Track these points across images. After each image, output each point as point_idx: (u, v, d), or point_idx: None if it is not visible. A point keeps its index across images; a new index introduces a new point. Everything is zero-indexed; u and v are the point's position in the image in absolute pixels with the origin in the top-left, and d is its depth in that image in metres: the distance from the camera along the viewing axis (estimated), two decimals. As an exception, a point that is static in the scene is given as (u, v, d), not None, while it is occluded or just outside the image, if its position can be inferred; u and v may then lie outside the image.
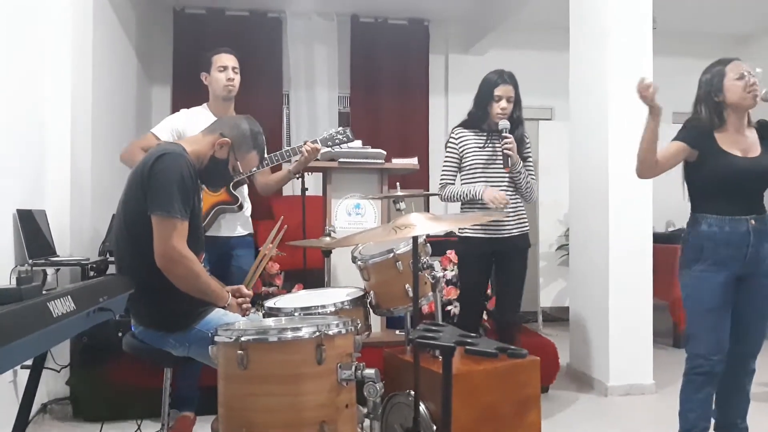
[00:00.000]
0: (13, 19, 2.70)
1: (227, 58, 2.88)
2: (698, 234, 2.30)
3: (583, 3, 3.77)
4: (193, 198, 1.99)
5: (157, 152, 1.96)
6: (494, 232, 2.86)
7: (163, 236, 1.88)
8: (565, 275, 4.90)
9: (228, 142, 2.07)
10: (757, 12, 5.49)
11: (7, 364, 1.26)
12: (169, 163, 1.91)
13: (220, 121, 2.18)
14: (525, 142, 2.93)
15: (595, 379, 3.58)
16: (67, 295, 1.46)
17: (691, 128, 2.32)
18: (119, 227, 2.03)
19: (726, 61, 2.32)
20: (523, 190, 2.90)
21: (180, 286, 1.93)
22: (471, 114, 2.94)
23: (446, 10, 5.56)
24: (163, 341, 2.00)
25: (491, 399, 2.24)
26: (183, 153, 1.98)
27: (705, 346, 2.27)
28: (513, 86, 2.83)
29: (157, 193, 1.89)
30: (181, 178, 1.90)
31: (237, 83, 2.90)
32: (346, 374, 1.65)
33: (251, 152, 2.11)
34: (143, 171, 1.93)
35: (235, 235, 2.89)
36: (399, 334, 3.12)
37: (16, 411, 1.76)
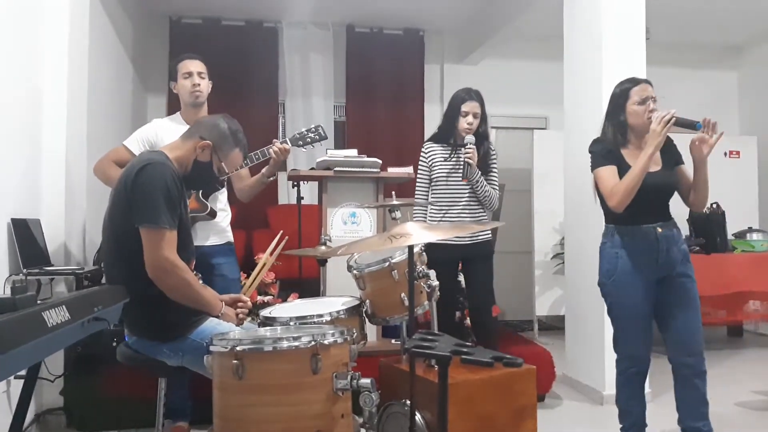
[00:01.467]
0: (10, 29, 2.71)
1: (191, 63, 2.84)
2: (613, 244, 2.45)
3: (577, 13, 3.80)
4: (180, 206, 1.98)
5: (139, 163, 1.94)
6: (459, 239, 3.04)
7: (153, 247, 1.87)
8: (560, 284, 4.91)
9: (209, 144, 2.05)
10: (748, 23, 5.55)
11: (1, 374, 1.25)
12: (153, 173, 1.90)
13: (198, 124, 2.15)
14: (490, 154, 3.13)
15: (591, 387, 3.57)
16: (62, 305, 1.45)
17: (602, 150, 2.43)
18: (107, 240, 2.02)
19: (635, 81, 2.42)
20: (482, 198, 3.06)
21: (172, 295, 1.92)
22: (440, 128, 3.18)
23: (441, 21, 5.60)
24: (156, 351, 1.99)
25: (487, 408, 2.24)
26: (166, 162, 1.97)
27: (631, 348, 2.46)
28: (479, 103, 3.05)
29: (142, 205, 1.88)
30: (166, 188, 1.89)
31: (204, 88, 2.84)
32: (341, 384, 1.65)
33: (234, 150, 2.10)
34: (126, 183, 1.92)
35: (208, 244, 2.81)
36: (395, 344, 3.12)
37: (9, 421, 1.75)
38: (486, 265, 3.10)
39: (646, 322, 2.43)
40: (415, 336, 1.60)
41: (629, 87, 2.41)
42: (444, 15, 5.46)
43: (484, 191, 3.04)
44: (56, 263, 2.94)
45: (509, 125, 5.82)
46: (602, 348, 3.48)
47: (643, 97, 2.38)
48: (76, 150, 3.29)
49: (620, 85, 2.47)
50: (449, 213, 3.05)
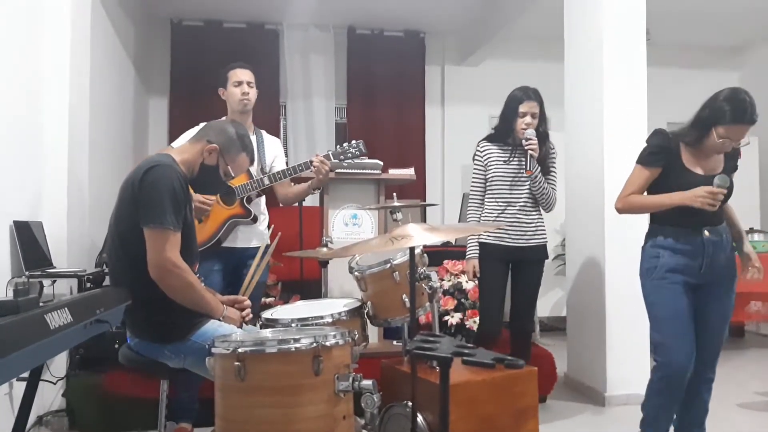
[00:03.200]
0: (11, 32, 2.72)
1: (242, 73, 2.93)
2: (656, 244, 2.37)
3: (577, 14, 3.81)
4: (185, 209, 2.00)
5: (146, 164, 1.96)
6: (513, 240, 2.95)
7: (157, 248, 1.88)
8: (562, 285, 4.90)
9: (216, 148, 2.07)
10: (748, 24, 5.55)
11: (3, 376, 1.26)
12: (160, 175, 1.91)
13: (206, 128, 2.18)
14: (550, 155, 3.03)
15: (592, 388, 3.57)
16: (64, 307, 1.46)
17: (657, 146, 2.35)
18: (112, 241, 2.03)
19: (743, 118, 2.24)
20: (539, 196, 2.96)
21: (174, 296, 1.93)
22: (496, 128, 3.06)
23: (442, 22, 5.61)
24: (158, 353, 1.99)
25: (489, 409, 2.24)
26: (173, 164, 1.99)
27: (671, 353, 2.29)
28: (538, 102, 2.94)
29: (148, 206, 1.89)
30: (172, 190, 1.91)
31: (253, 96, 2.95)
32: (343, 385, 1.65)
33: (240, 155, 2.12)
34: (134, 184, 1.93)
35: (251, 246, 2.90)
36: (396, 345, 3.12)
37: (12, 423, 1.76)
38: (538, 269, 3.01)
39: (687, 325, 2.30)
40: (417, 337, 1.60)
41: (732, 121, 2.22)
42: (445, 16, 5.46)
43: (542, 189, 2.94)
44: (58, 265, 2.95)
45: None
46: (604, 349, 3.48)
47: (735, 139, 2.26)
48: (78, 152, 3.30)
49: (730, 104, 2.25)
50: (505, 213, 2.95)
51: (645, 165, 2.37)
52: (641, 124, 3.56)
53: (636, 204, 2.37)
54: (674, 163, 2.32)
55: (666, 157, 2.33)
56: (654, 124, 4.08)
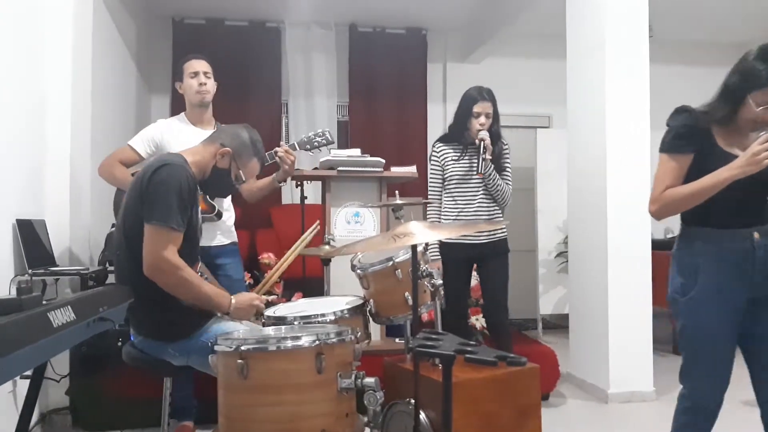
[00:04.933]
0: (13, 31, 2.72)
1: (198, 63, 2.84)
2: (692, 251, 1.91)
3: (579, 12, 3.80)
4: (191, 210, 2.00)
5: (157, 163, 1.97)
6: (473, 237, 3.00)
7: (155, 246, 1.87)
8: (564, 282, 4.90)
9: (229, 152, 2.09)
10: (751, 20, 5.53)
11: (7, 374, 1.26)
12: (169, 174, 1.92)
13: (220, 131, 2.19)
14: (503, 154, 3.08)
15: (595, 386, 3.57)
16: (67, 305, 1.46)
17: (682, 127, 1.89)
18: (119, 238, 2.04)
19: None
20: (494, 193, 3.01)
21: (173, 293, 1.93)
22: (450, 128, 3.13)
23: (444, 20, 5.60)
24: (162, 351, 2.00)
25: (491, 407, 2.24)
26: (184, 164, 1.99)
27: (701, 385, 1.94)
28: (491, 102, 3.01)
29: (154, 203, 1.89)
30: (179, 189, 1.91)
31: (211, 88, 2.85)
32: (346, 383, 1.65)
33: (252, 160, 2.14)
34: (142, 181, 1.94)
35: (215, 244, 2.82)
36: (399, 343, 3.12)
37: (15, 421, 1.76)
38: (501, 263, 3.05)
39: (726, 353, 1.89)
40: (419, 335, 1.60)
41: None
42: (447, 14, 5.45)
43: (497, 186, 2.99)
44: (61, 264, 2.95)
45: (512, 124, 5.80)
46: (606, 346, 3.48)
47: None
48: (81, 150, 3.31)
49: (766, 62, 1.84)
50: (464, 212, 3.02)
51: (672, 152, 1.88)
52: (644, 121, 3.56)
53: (675, 198, 1.85)
54: (708, 148, 1.85)
55: (696, 139, 1.86)
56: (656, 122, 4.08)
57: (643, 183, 3.53)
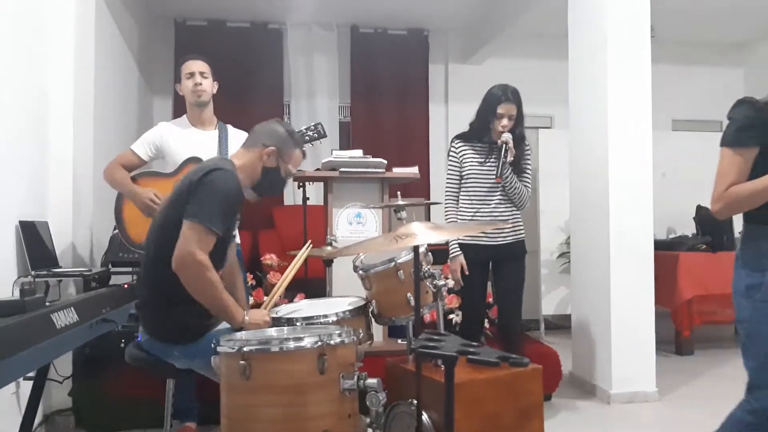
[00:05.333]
0: (16, 33, 2.72)
1: (193, 64, 2.87)
2: (759, 251, 1.77)
3: (581, 11, 3.79)
4: (232, 219, 2.03)
5: (211, 165, 2.00)
6: (491, 239, 2.94)
7: (188, 242, 1.88)
8: (566, 283, 4.89)
9: (274, 150, 2.11)
10: (753, 19, 5.52)
11: (10, 375, 1.27)
12: (222, 178, 1.95)
13: (256, 133, 2.19)
14: (525, 156, 3.00)
15: (597, 386, 3.57)
16: (70, 307, 1.47)
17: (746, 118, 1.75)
18: (154, 231, 2.03)
19: None
20: (512, 196, 2.95)
21: (193, 292, 1.91)
22: (472, 126, 3.02)
23: (445, 20, 5.60)
24: (167, 353, 2.00)
25: (494, 408, 2.24)
26: (234, 172, 2.01)
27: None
28: (516, 104, 2.89)
29: (199, 203, 1.91)
30: (226, 196, 1.94)
31: (207, 87, 2.87)
32: (348, 384, 1.65)
33: (295, 151, 2.17)
34: (192, 180, 1.96)
35: None
36: (401, 344, 3.12)
37: (19, 422, 1.77)
38: (518, 265, 2.97)
39: None
40: (422, 336, 1.60)
41: None
42: (448, 15, 5.45)
43: (515, 189, 2.92)
44: (64, 265, 2.96)
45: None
46: (609, 347, 3.47)
47: None
48: (83, 152, 3.31)
49: None
50: (481, 212, 2.94)
51: (736, 146, 1.74)
52: (646, 121, 3.55)
53: (740, 196, 1.71)
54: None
55: (761, 131, 1.73)
56: (659, 121, 4.09)
57: (645, 183, 3.52)
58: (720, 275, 4.42)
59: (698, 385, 3.81)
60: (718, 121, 6.13)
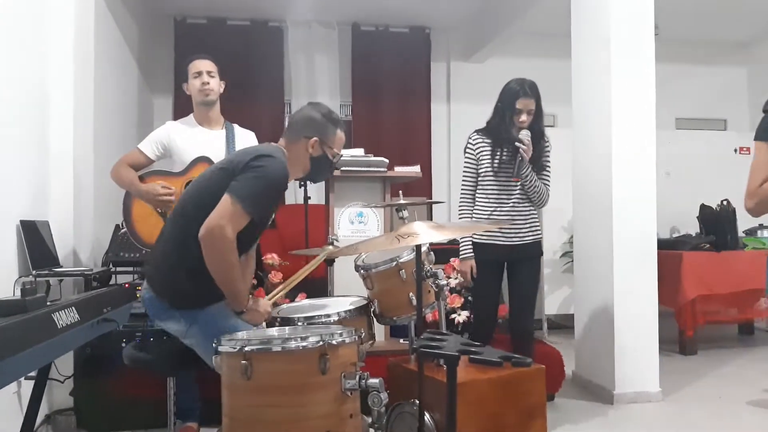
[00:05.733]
0: (16, 32, 2.72)
1: (201, 63, 2.87)
2: None
3: (584, 10, 3.78)
4: (269, 206, 2.06)
5: (264, 150, 2.02)
6: (507, 239, 2.88)
7: (221, 214, 1.89)
8: (569, 282, 4.88)
9: (317, 140, 2.11)
10: (758, 18, 5.50)
11: (11, 375, 1.26)
12: (272, 165, 1.96)
13: (294, 124, 2.18)
14: (545, 152, 2.94)
15: (601, 386, 3.55)
16: (72, 307, 1.46)
17: None
18: (195, 192, 2.04)
19: None
20: (531, 194, 2.89)
21: (210, 264, 1.91)
22: (490, 122, 2.96)
23: (447, 18, 5.58)
24: (168, 314, 1.99)
25: (496, 408, 2.23)
26: (285, 163, 2.02)
27: None
28: (534, 99, 2.83)
29: (245, 182, 1.92)
30: (272, 183, 1.97)
31: (215, 86, 2.88)
32: (350, 384, 1.64)
33: (336, 133, 2.16)
34: (243, 158, 1.97)
35: None
36: (403, 343, 3.11)
37: (20, 422, 1.76)
38: (534, 267, 2.92)
39: None
40: (423, 336, 1.59)
41: None
42: (450, 12, 5.44)
43: (534, 187, 2.85)
44: (65, 264, 2.95)
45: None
46: (612, 347, 3.46)
47: None
48: (84, 151, 3.31)
49: None
50: (498, 211, 2.88)
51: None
52: (649, 120, 3.54)
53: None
54: None
55: None
56: (662, 120, 4.07)
57: (648, 182, 3.51)
58: (724, 275, 4.42)
59: (702, 385, 3.80)
60: (722, 120, 6.12)
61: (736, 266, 4.47)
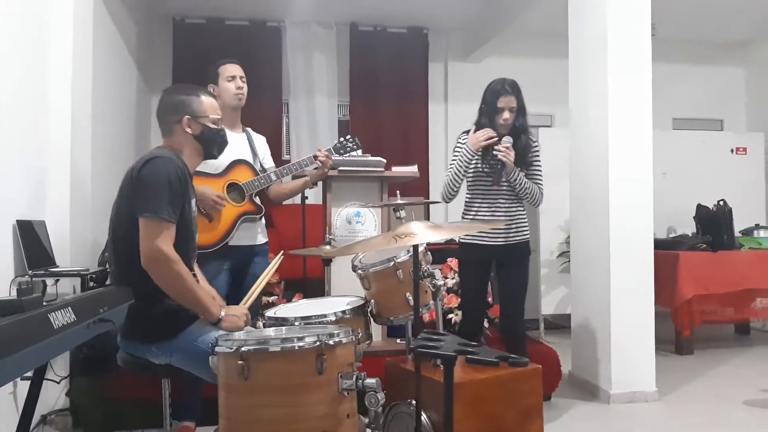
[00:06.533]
0: (14, 32, 2.71)
1: (234, 68, 2.92)
2: None
3: (582, 10, 3.78)
4: (183, 202, 1.99)
5: (146, 156, 2.00)
6: (492, 239, 2.90)
7: (149, 237, 1.88)
8: (566, 282, 4.88)
9: (187, 119, 2.08)
10: (754, 18, 5.51)
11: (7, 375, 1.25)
12: (158, 166, 1.94)
13: (161, 119, 2.15)
14: (531, 148, 2.95)
15: (597, 386, 3.56)
16: (68, 307, 1.45)
17: None
18: (111, 235, 2.05)
19: None
20: (522, 195, 2.91)
21: (165, 288, 1.92)
22: (477, 124, 2.96)
23: (445, 19, 5.58)
24: (145, 350, 1.99)
25: (493, 408, 2.23)
26: (173, 157, 2.00)
27: None
28: (515, 96, 2.86)
29: (144, 196, 1.91)
30: (168, 182, 1.93)
31: (245, 92, 2.94)
32: (347, 384, 1.64)
33: (200, 99, 2.12)
34: (132, 176, 1.97)
35: (257, 243, 2.92)
36: (400, 343, 3.12)
37: (16, 423, 1.76)
38: (522, 266, 2.94)
39: None
40: (421, 336, 1.59)
41: None
42: (448, 13, 5.44)
43: (524, 188, 2.86)
44: (61, 264, 2.94)
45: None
46: (608, 347, 3.47)
47: None
48: (81, 151, 3.30)
49: None
50: (481, 212, 2.91)
51: None
52: (646, 120, 3.54)
53: None
54: None
55: None
56: (659, 120, 4.07)
57: (645, 182, 3.51)
58: (720, 275, 4.43)
59: (698, 384, 3.81)
60: (719, 120, 6.13)
61: (733, 266, 4.48)
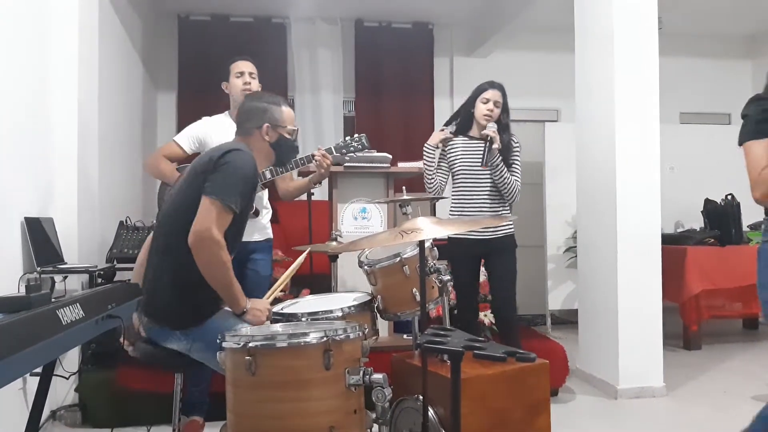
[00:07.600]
0: (20, 30, 2.72)
1: (243, 64, 2.96)
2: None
3: (588, 4, 3.76)
4: (248, 198, 2.06)
5: (228, 146, 2.03)
6: (480, 234, 2.99)
7: (206, 217, 1.90)
8: (573, 277, 4.88)
9: (268, 126, 2.13)
10: (761, 12, 5.46)
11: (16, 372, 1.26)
12: (241, 158, 1.98)
13: (242, 122, 2.19)
14: (512, 147, 3.02)
15: (604, 381, 3.55)
16: (76, 303, 1.46)
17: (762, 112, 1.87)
18: (170, 211, 2.05)
19: None
20: (501, 187, 2.96)
21: (204, 269, 1.92)
22: (458, 122, 3.09)
23: (450, 14, 5.57)
24: (168, 336, 2.00)
25: (500, 403, 2.23)
26: (251, 154, 2.05)
27: None
28: (501, 93, 2.99)
29: (219, 180, 1.94)
30: (245, 175, 1.99)
31: (255, 87, 2.95)
32: (354, 379, 1.64)
33: (280, 111, 2.16)
34: (210, 159, 1.98)
35: (252, 240, 2.90)
36: (407, 339, 3.12)
37: (26, 418, 1.77)
38: (509, 259, 3.01)
39: None
40: (427, 331, 1.59)
41: None
42: (453, 7, 5.42)
43: (504, 179, 2.93)
44: (69, 261, 2.96)
45: (520, 118, 5.76)
46: (616, 342, 3.46)
47: None
48: (88, 148, 3.32)
49: None
50: (467, 207, 2.99)
51: (759, 136, 1.83)
52: (653, 114, 3.52)
53: None
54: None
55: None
56: (666, 114, 4.04)
57: (652, 177, 3.50)
58: (728, 269, 4.40)
59: (706, 380, 3.79)
60: (727, 114, 6.08)
61: (741, 261, 4.45)
